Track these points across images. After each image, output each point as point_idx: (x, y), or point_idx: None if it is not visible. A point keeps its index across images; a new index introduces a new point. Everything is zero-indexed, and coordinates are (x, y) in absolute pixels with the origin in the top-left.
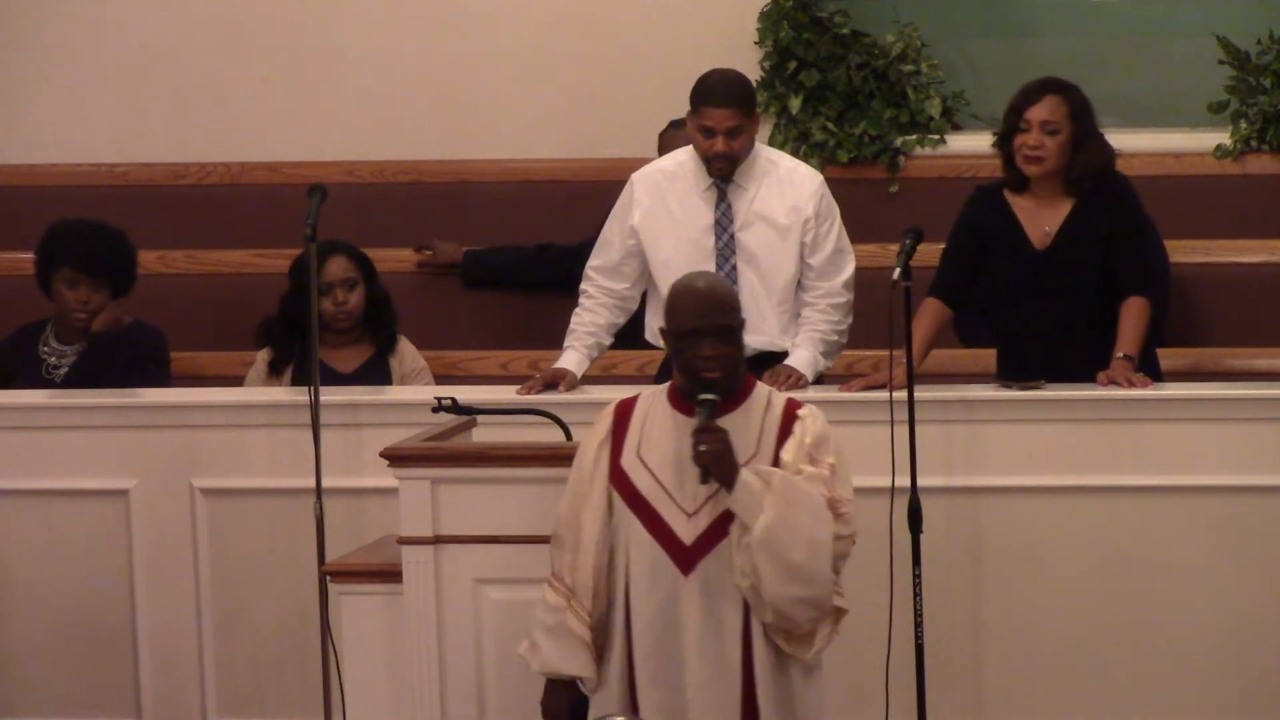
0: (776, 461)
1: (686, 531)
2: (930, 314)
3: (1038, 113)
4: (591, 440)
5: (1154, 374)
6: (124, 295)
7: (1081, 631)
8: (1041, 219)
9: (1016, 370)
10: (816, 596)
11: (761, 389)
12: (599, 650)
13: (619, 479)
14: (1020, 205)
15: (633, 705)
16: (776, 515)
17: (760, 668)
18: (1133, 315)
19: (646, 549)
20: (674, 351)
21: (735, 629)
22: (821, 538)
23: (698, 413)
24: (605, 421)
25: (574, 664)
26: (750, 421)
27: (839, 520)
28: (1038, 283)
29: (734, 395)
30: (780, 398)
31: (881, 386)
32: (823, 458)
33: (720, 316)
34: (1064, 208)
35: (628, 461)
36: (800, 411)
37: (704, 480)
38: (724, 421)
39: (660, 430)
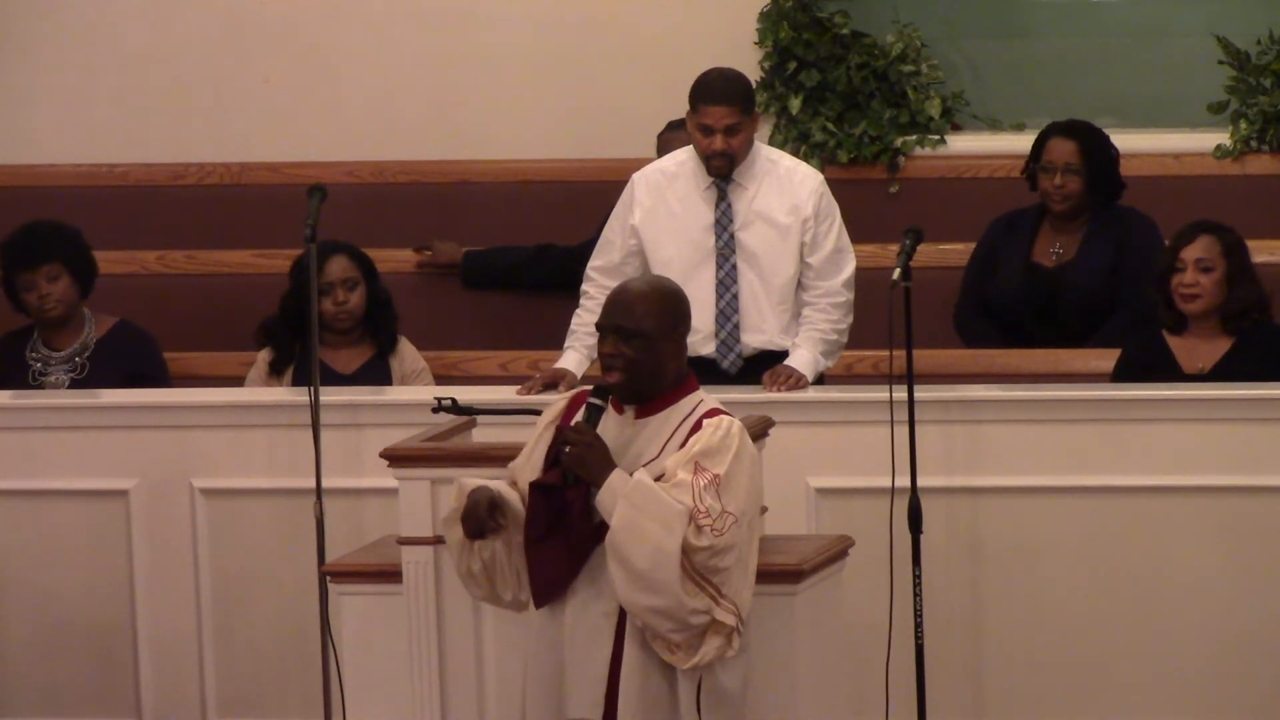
0: None
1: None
2: None
3: (1192, 252)
4: (544, 418)
5: None
6: (86, 274)
7: (1081, 631)
8: (1198, 354)
9: None
10: (668, 608)
11: (693, 399)
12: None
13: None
14: (1176, 342)
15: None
16: (622, 519)
17: (628, 670)
18: None
19: None
20: None
21: (608, 629)
22: (668, 547)
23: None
24: (559, 405)
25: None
26: (665, 428)
27: (698, 532)
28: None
29: (655, 400)
30: (704, 409)
31: None
32: (710, 467)
33: (619, 317)
34: (1222, 345)
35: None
36: (708, 421)
37: (569, 481)
38: (641, 425)
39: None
